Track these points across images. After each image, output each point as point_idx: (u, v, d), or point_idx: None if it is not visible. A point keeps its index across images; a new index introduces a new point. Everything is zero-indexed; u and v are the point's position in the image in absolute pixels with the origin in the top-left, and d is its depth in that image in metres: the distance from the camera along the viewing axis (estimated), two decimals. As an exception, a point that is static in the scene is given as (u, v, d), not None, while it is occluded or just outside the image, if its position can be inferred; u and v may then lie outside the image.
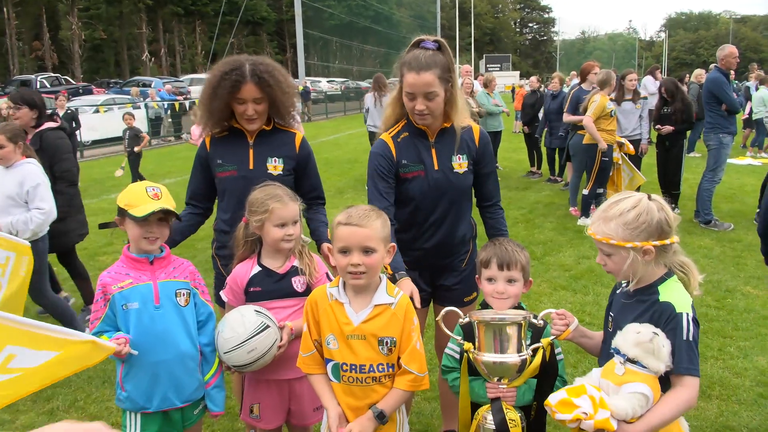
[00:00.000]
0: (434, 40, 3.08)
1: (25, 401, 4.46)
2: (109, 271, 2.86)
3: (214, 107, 3.30)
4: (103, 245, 8.92)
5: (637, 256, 2.25)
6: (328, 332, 2.51)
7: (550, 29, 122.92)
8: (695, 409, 4.15)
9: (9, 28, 51.50)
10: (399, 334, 2.48)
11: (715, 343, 5.13)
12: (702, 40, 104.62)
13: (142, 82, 35.63)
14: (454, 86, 3.12)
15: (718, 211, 9.34)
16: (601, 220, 2.31)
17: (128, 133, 13.08)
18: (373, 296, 2.50)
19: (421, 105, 3.04)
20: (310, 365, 2.58)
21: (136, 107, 23.59)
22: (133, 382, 2.84)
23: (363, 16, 62.02)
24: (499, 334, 2.34)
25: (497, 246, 2.72)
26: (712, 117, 8.72)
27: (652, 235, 2.24)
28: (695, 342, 2.21)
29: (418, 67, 2.98)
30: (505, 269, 2.65)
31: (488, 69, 61.11)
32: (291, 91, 3.38)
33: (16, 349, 2.42)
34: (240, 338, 2.75)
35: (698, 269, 2.38)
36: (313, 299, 2.58)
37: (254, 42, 68.68)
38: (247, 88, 3.20)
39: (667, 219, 2.26)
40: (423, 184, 3.19)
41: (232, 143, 3.39)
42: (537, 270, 7.10)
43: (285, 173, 3.38)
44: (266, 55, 3.62)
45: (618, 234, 2.26)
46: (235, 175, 3.32)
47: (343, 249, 2.44)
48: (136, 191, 2.84)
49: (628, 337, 2.20)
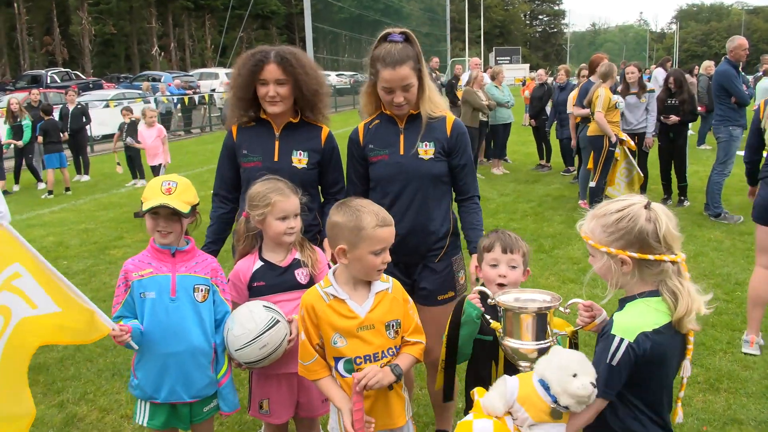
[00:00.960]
0: (401, 32, 3.17)
1: (36, 394, 4.50)
2: (134, 258, 2.92)
3: (238, 88, 3.32)
4: (113, 239, 8.99)
5: (612, 264, 2.10)
6: (332, 332, 2.52)
7: (560, 21, 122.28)
8: (703, 401, 4.14)
9: (20, 23, 51.78)
10: (401, 314, 2.61)
11: (724, 336, 5.11)
12: (714, 32, 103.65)
13: (152, 76, 35.72)
14: (423, 75, 3.20)
15: (728, 203, 9.28)
16: (589, 217, 2.20)
17: (126, 127, 13.23)
18: (371, 286, 2.57)
19: (399, 98, 3.15)
20: (315, 371, 2.59)
21: (146, 102, 23.68)
22: (144, 371, 2.88)
23: (373, 9, 61.80)
24: (523, 320, 2.34)
25: (499, 233, 2.80)
26: (722, 109, 8.66)
27: (632, 245, 2.06)
28: (621, 368, 2.01)
29: (393, 62, 3.07)
30: (508, 252, 2.73)
31: (498, 62, 60.86)
32: (316, 75, 3.34)
33: (23, 270, 2.49)
34: (251, 334, 2.76)
35: (697, 305, 2.08)
36: (308, 305, 2.57)
37: (264, 36, 68.62)
38: (269, 68, 3.21)
39: (655, 232, 2.05)
40: (387, 168, 3.27)
41: (258, 134, 3.40)
42: (546, 263, 7.09)
43: (309, 167, 3.38)
44: None
45: (595, 235, 2.15)
46: (260, 166, 3.32)
47: (381, 249, 2.51)
48: (153, 185, 2.88)
49: (568, 384, 1.99)
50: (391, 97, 3.16)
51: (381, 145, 3.30)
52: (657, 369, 2.09)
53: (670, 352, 2.10)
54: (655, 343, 2.03)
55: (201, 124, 27.24)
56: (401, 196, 3.25)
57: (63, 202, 12.06)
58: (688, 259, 7.16)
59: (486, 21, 74.59)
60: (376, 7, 62.24)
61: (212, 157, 17.37)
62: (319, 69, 3.45)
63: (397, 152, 3.26)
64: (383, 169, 3.29)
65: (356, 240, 2.47)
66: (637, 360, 2.02)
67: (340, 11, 59.35)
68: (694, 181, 10.92)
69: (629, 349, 2.00)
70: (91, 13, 56.72)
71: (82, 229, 9.65)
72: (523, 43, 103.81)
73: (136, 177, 13.58)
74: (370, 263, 2.51)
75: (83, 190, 13.48)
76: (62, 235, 9.29)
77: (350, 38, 61.08)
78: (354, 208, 2.52)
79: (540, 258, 7.32)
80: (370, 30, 61.00)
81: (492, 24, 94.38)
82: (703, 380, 4.41)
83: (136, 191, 12.76)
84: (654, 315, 2.07)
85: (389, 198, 3.25)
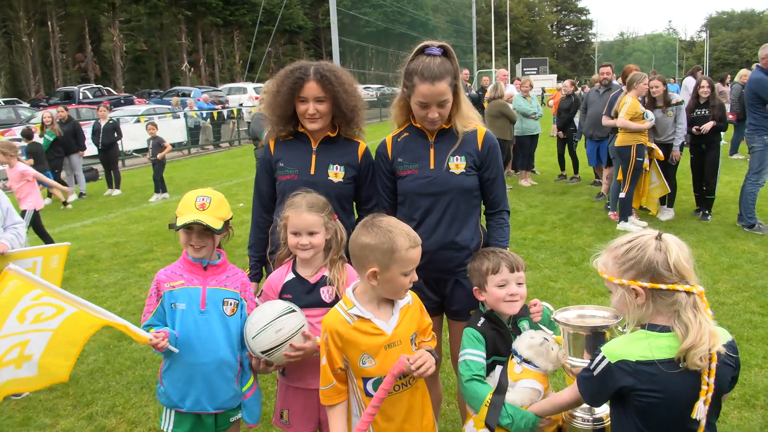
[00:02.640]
0: (439, 45, 3.10)
1: (66, 406, 4.56)
2: (166, 269, 2.96)
3: (277, 106, 3.32)
4: (144, 252, 9.08)
5: (627, 296, 2.12)
6: (359, 353, 2.51)
7: (587, 31, 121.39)
8: (739, 419, 4.04)
9: (53, 41, 52.89)
10: (419, 325, 2.67)
11: (759, 350, 4.98)
12: (745, 39, 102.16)
13: (182, 92, 36.20)
14: (459, 90, 3.17)
15: (763, 214, 9.10)
16: (604, 251, 2.22)
17: (152, 143, 13.65)
18: (395, 303, 2.59)
19: (434, 113, 3.09)
20: (330, 396, 2.59)
21: (176, 117, 24.01)
22: (170, 379, 2.92)
23: (399, 22, 62.16)
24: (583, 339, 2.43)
25: (498, 254, 2.89)
26: (756, 118, 8.48)
27: (642, 275, 2.07)
28: (600, 380, 2.10)
29: (432, 77, 3.00)
30: (515, 271, 2.81)
31: (525, 72, 60.61)
32: (354, 92, 3.34)
33: (40, 293, 2.81)
34: (268, 317, 2.78)
35: (715, 341, 2.02)
36: (331, 329, 2.54)
37: (291, 50, 69.33)
38: (309, 86, 3.21)
39: (666, 261, 2.05)
40: (417, 182, 3.23)
41: (295, 147, 3.40)
42: (575, 276, 7.00)
43: (345, 181, 3.37)
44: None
45: (608, 268, 2.17)
46: (296, 179, 3.32)
47: (412, 269, 2.52)
48: (187, 199, 2.90)
49: (523, 340, 2.66)
50: (426, 113, 3.11)
51: (410, 158, 3.26)
52: (659, 406, 2.04)
53: (673, 389, 2.03)
54: (640, 374, 2.02)
55: (230, 138, 27.54)
56: (432, 211, 3.21)
57: (95, 215, 12.24)
58: (722, 272, 7.02)
59: (513, 32, 74.51)
60: (402, 21, 62.55)
61: (240, 170, 17.59)
62: (356, 83, 3.43)
63: (427, 166, 3.22)
64: (413, 184, 3.25)
65: (389, 262, 2.45)
66: (619, 385, 2.06)
67: (367, 25, 59.76)
68: (727, 192, 10.72)
69: (608, 367, 2.07)
70: (123, 31, 57.75)
71: (113, 243, 9.77)
72: (550, 53, 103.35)
73: (158, 191, 13.85)
74: (400, 284, 2.50)
75: (114, 203, 13.67)
76: (93, 249, 9.41)
77: (376, 51, 61.40)
78: (385, 229, 2.49)
79: (569, 271, 7.23)
80: (396, 43, 61.25)
81: (519, 35, 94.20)
82: (738, 396, 4.30)
83: (167, 205, 12.92)
84: (645, 348, 2.05)
85: (420, 213, 3.23)
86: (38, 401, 4.64)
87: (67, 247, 4.59)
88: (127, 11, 58.81)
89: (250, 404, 3.01)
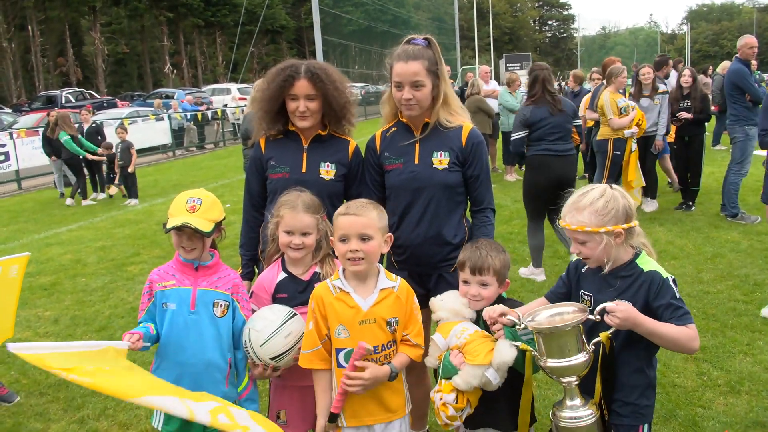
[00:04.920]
0: (424, 37, 3.21)
1: (56, 410, 4.55)
2: (160, 269, 2.98)
3: (267, 103, 3.34)
4: (130, 255, 9.05)
5: (610, 240, 2.47)
6: (336, 324, 2.68)
7: (569, 26, 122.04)
8: (724, 404, 4.10)
9: (34, 45, 52.41)
10: (402, 314, 2.74)
11: (743, 337, 5.05)
12: (725, 31, 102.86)
13: (165, 93, 35.96)
14: (442, 81, 3.22)
15: (745, 204, 9.20)
16: (574, 211, 2.52)
17: (120, 146, 13.62)
18: (377, 282, 2.71)
19: (407, 94, 3.14)
20: (312, 360, 2.72)
21: (160, 119, 23.87)
22: (160, 377, 2.89)
23: (381, 20, 62.05)
24: (558, 339, 2.39)
25: (473, 250, 2.87)
26: (736, 109, 8.59)
27: (620, 220, 2.47)
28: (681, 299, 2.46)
29: (406, 57, 3.12)
30: (477, 274, 2.81)
31: (508, 68, 60.72)
32: (344, 90, 3.36)
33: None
34: (274, 324, 2.81)
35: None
36: (317, 296, 2.73)
37: (274, 50, 69.12)
38: (300, 83, 3.22)
39: (629, 204, 2.52)
40: (401, 177, 3.29)
41: (286, 146, 3.41)
42: (561, 268, 7.02)
43: (336, 179, 3.39)
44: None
45: (591, 221, 2.47)
46: (287, 177, 3.34)
47: (343, 237, 2.66)
48: (178, 201, 2.91)
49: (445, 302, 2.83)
50: (401, 94, 3.16)
51: (396, 153, 3.31)
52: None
53: None
54: None
55: (214, 140, 27.42)
56: (414, 205, 3.26)
57: (80, 220, 12.17)
58: (706, 261, 7.14)
59: (495, 28, 74.65)
60: (385, 19, 62.44)
61: (226, 171, 17.53)
62: (347, 82, 3.46)
63: (411, 161, 3.27)
64: (397, 178, 3.30)
65: (333, 229, 2.74)
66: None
67: (349, 23, 59.61)
68: (710, 182, 10.82)
69: (674, 281, 2.48)
70: (104, 34, 57.34)
71: (99, 247, 9.73)
72: (533, 48, 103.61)
73: (131, 196, 13.80)
74: (338, 250, 2.69)
75: (99, 207, 13.59)
76: (79, 253, 9.37)
77: (360, 50, 61.28)
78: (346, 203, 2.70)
79: (555, 264, 7.29)
80: (379, 41, 61.20)
81: (501, 31, 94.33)
82: (723, 383, 4.37)
83: (152, 207, 12.86)
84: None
85: (402, 207, 3.27)
86: (28, 406, 4.62)
87: (27, 257, 4.54)
88: (108, 14, 58.47)
89: (246, 405, 2.99)
